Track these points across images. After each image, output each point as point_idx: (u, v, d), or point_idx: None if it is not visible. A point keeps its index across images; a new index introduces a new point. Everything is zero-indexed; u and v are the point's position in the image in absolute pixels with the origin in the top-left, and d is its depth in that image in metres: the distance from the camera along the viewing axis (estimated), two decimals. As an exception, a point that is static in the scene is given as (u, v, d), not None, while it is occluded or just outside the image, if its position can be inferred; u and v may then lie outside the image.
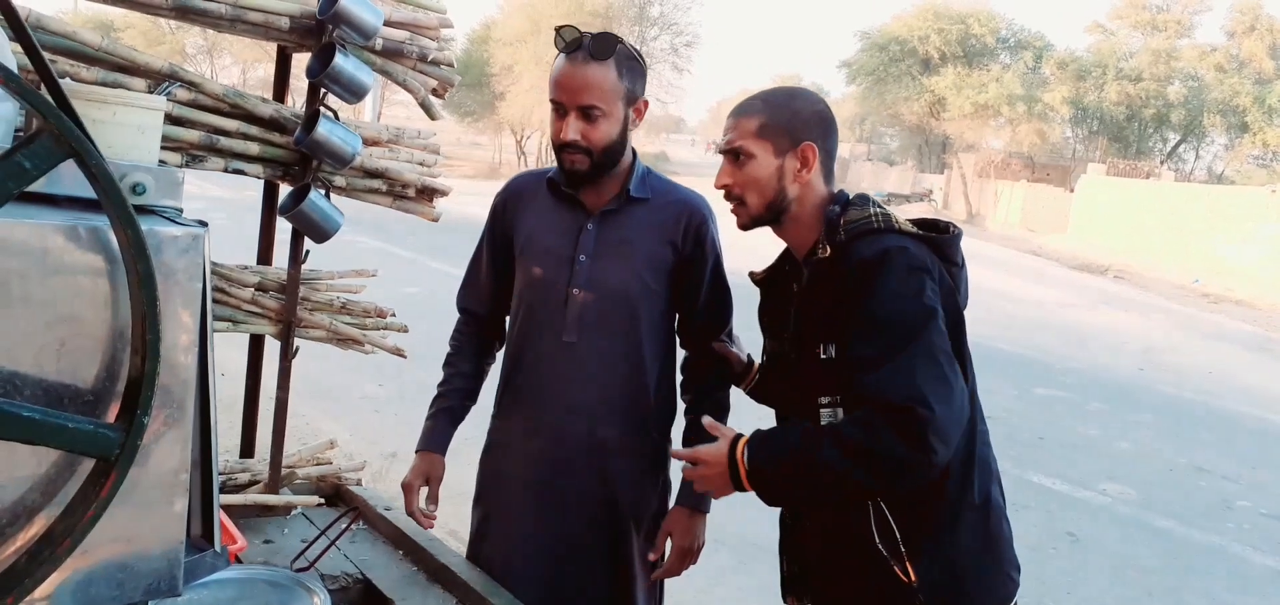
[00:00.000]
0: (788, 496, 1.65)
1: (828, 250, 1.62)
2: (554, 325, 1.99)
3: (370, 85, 2.41)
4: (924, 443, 1.43)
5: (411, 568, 2.26)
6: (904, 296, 1.52)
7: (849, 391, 1.55)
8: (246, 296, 2.53)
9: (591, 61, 1.87)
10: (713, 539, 4.59)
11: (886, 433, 1.44)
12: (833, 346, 1.59)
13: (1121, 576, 4.59)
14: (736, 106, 1.76)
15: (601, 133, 1.90)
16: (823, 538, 1.73)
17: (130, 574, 1.17)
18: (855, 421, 1.49)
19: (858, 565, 1.65)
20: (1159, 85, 33.69)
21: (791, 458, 1.54)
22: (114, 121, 1.24)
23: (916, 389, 1.44)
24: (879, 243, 1.57)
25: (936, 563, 1.60)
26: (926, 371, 1.46)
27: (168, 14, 2.27)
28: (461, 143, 38.17)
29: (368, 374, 6.31)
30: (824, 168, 1.71)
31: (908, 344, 1.48)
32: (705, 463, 1.63)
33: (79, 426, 1.05)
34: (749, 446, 1.59)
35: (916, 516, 1.60)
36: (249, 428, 2.81)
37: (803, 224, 1.72)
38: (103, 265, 1.11)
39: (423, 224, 2.97)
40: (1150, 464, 6.46)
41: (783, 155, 1.68)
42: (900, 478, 1.48)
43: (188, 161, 2.32)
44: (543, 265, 2.01)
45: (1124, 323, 12.90)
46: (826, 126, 1.72)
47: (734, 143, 1.70)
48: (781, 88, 1.84)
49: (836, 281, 1.58)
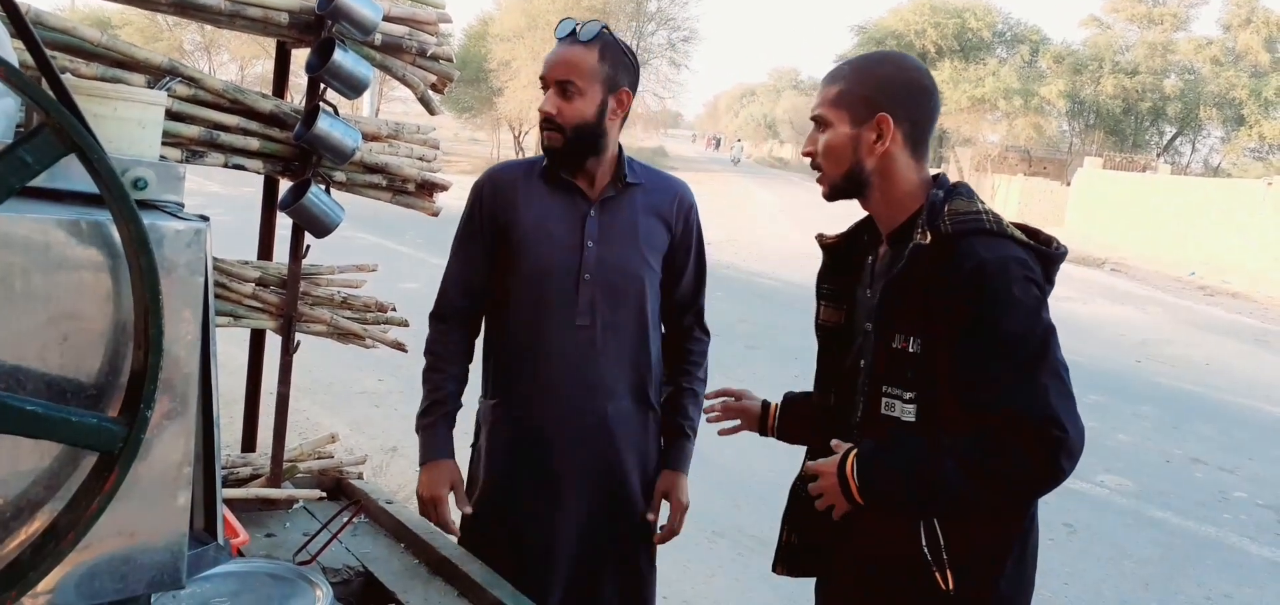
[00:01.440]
0: (900, 511, 1.58)
1: (928, 237, 1.52)
2: (567, 310, 2.06)
3: (369, 80, 2.41)
4: (1056, 463, 1.41)
5: (413, 560, 2.26)
6: (1029, 311, 1.46)
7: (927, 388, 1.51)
8: (247, 291, 2.53)
9: (576, 43, 1.99)
10: (712, 530, 4.60)
11: (1018, 453, 1.42)
12: (915, 340, 1.52)
13: (1119, 567, 4.61)
14: (828, 71, 1.69)
15: (574, 109, 1.98)
16: (855, 527, 1.67)
17: (134, 567, 1.17)
18: (982, 441, 1.45)
19: (892, 561, 1.60)
20: (1155, 78, 33.71)
21: (909, 479, 1.51)
22: (115, 116, 1.24)
23: (1051, 409, 1.42)
24: (999, 248, 1.49)
25: (978, 579, 1.57)
26: (1057, 390, 1.44)
27: (166, 9, 2.27)
28: (459, 137, 38.15)
29: (367, 368, 6.31)
30: (909, 141, 1.60)
31: (1037, 362, 1.44)
32: (823, 475, 1.60)
33: (82, 420, 1.05)
34: (858, 465, 1.54)
35: (971, 530, 1.56)
36: (250, 422, 2.82)
37: (890, 201, 1.62)
38: (105, 260, 1.11)
39: (421, 219, 2.97)
40: (1148, 456, 6.48)
41: (859, 125, 1.59)
42: (1026, 496, 1.47)
43: (188, 157, 2.32)
44: (551, 253, 2.07)
45: (1121, 315, 12.92)
46: (913, 97, 1.61)
47: (816, 109, 1.64)
48: (875, 53, 1.75)
49: (940, 275, 1.50)
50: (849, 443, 1.62)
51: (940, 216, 1.54)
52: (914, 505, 1.54)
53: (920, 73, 1.64)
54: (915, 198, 1.61)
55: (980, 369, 1.46)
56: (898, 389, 1.55)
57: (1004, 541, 1.59)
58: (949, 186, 1.61)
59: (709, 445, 2.35)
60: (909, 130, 1.60)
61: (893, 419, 1.56)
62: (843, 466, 1.56)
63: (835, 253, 1.81)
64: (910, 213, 1.61)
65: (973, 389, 1.47)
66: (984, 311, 1.46)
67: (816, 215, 18.97)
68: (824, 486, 1.60)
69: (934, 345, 1.51)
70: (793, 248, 16.12)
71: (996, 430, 1.44)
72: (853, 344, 1.73)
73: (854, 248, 1.78)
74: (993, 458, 1.44)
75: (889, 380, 1.56)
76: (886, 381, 1.57)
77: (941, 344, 1.50)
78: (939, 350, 1.51)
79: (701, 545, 4.26)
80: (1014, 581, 1.60)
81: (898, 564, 1.59)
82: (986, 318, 1.46)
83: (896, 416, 1.56)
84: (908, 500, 1.54)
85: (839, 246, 1.80)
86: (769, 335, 9.05)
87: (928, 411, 1.53)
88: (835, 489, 1.57)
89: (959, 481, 1.46)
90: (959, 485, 1.46)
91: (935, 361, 1.51)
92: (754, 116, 73.80)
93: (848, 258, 1.79)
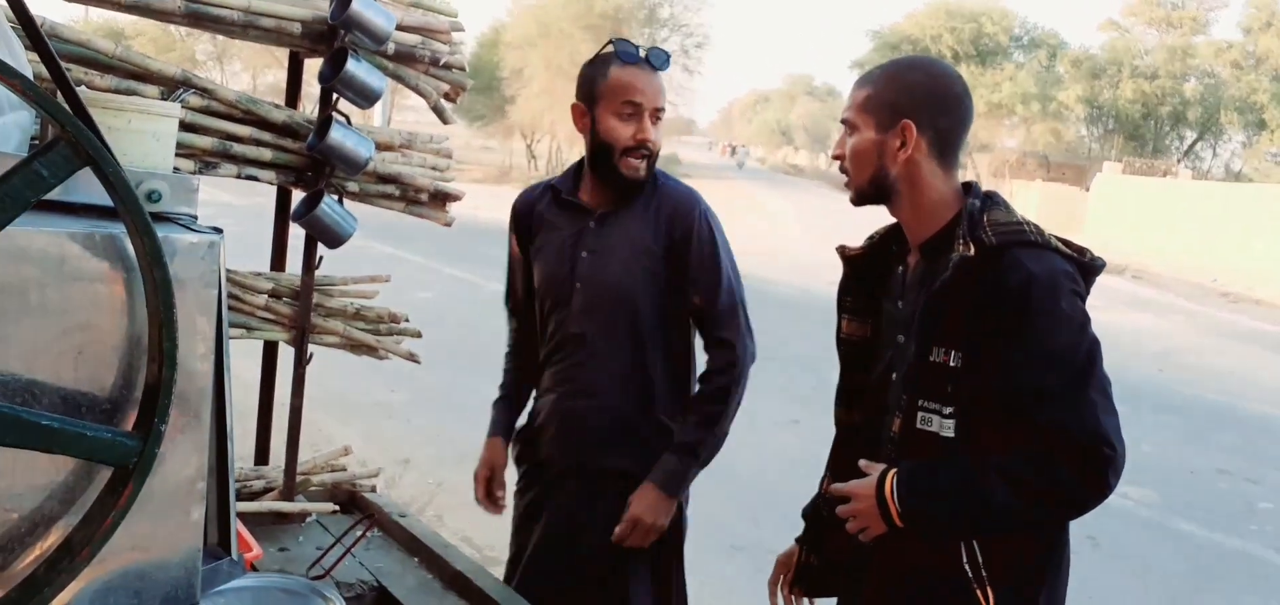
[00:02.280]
0: (943, 534, 1.55)
1: (971, 249, 1.49)
2: (563, 320, 2.17)
3: (382, 90, 2.41)
4: (1104, 482, 1.40)
5: (427, 575, 2.25)
6: (1077, 325, 1.45)
7: (967, 403, 1.48)
8: (260, 303, 2.53)
9: (660, 71, 2.12)
10: (730, 544, 4.57)
11: (1066, 472, 1.40)
12: (956, 353, 1.49)
13: (1144, 582, 4.55)
14: (861, 74, 1.67)
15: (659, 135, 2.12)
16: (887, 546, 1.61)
17: (148, 582, 1.17)
18: (1029, 460, 1.43)
19: (929, 580, 1.57)
20: (1175, 83, 33.47)
21: (955, 501, 1.48)
22: (129, 129, 1.24)
23: (1100, 426, 1.40)
24: (1046, 261, 1.46)
25: (1019, 595, 1.54)
26: (1104, 406, 1.42)
27: (180, 20, 2.28)
28: (471, 146, 38.29)
29: (380, 380, 6.31)
30: (935, 149, 1.56)
31: (1085, 377, 1.42)
32: (857, 498, 1.55)
33: (97, 435, 1.04)
34: (899, 485, 1.51)
35: (1012, 545, 1.54)
36: (263, 435, 2.82)
37: (919, 209, 1.59)
38: (119, 273, 1.10)
39: (433, 229, 2.97)
40: (1172, 467, 6.40)
41: (883, 131, 1.57)
42: (1073, 514, 1.45)
43: (201, 168, 2.33)
44: (552, 263, 2.19)
45: (1142, 323, 12.80)
46: (941, 104, 1.57)
47: (846, 113, 1.63)
48: (906, 58, 1.73)
49: (985, 288, 1.47)
50: (880, 462, 1.58)
51: (980, 227, 1.51)
52: (959, 527, 1.51)
53: (950, 80, 1.60)
54: (947, 207, 1.58)
55: (1027, 384, 1.44)
56: (936, 403, 1.52)
57: (1041, 556, 1.56)
58: (983, 196, 1.59)
59: (728, 458, 2.30)
60: (934, 138, 1.56)
61: (930, 435, 1.53)
62: (881, 489, 1.52)
63: (858, 264, 1.77)
64: (943, 222, 1.58)
65: (1019, 404, 1.45)
66: (1032, 326, 1.43)
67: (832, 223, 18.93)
68: (858, 509, 1.55)
69: (976, 359, 1.48)
70: (808, 256, 16.07)
71: (1044, 448, 1.42)
72: (880, 357, 1.70)
73: (879, 258, 1.75)
74: (1041, 477, 1.42)
75: (926, 394, 1.53)
76: (923, 395, 1.53)
77: (984, 358, 1.47)
78: (981, 364, 1.48)
79: (720, 560, 4.23)
80: (1051, 595, 1.58)
81: (936, 582, 1.56)
82: (1035, 332, 1.43)
83: (934, 431, 1.52)
84: (952, 523, 1.51)
85: (862, 258, 1.77)
86: (784, 346, 9.01)
87: (967, 427, 1.50)
88: (872, 512, 1.53)
89: (1006, 501, 1.43)
90: (1006, 505, 1.43)
91: (976, 375, 1.48)
92: (768, 123, 73.65)
93: (871, 269, 1.76)
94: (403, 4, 2.53)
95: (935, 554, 1.55)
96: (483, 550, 3.95)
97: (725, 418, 2.14)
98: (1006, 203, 1.58)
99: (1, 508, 1.07)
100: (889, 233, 1.74)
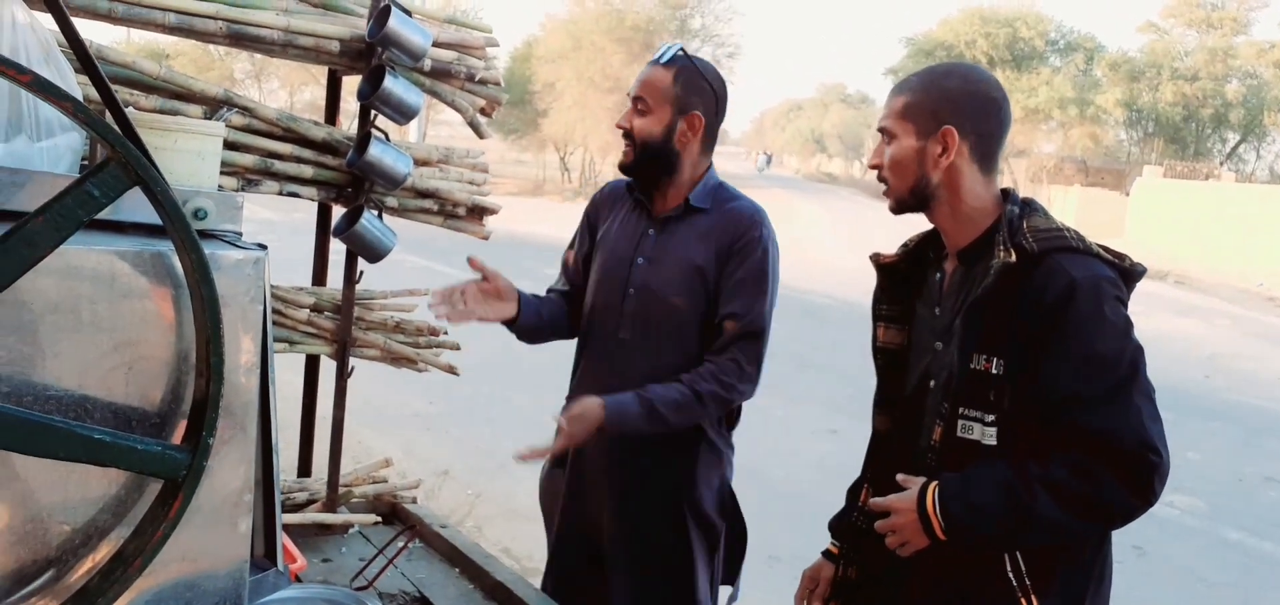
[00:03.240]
0: (987, 546, 1.52)
1: (1013, 256, 1.48)
2: (611, 322, 2.11)
3: (420, 106, 2.44)
4: (1150, 489, 1.39)
5: (468, 585, 2.27)
6: (1121, 331, 1.43)
7: (1009, 410, 1.47)
8: (302, 317, 2.56)
9: (657, 65, 2.05)
10: (768, 554, 4.53)
11: (1111, 479, 1.39)
12: (998, 361, 1.48)
13: (1190, 591, 4.46)
14: (897, 82, 1.66)
15: (643, 126, 2.04)
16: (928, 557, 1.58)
17: (197, 593, 1.19)
18: (1074, 469, 1.42)
19: (972, 590, 1.55)
20: (1216, 84, 32.85)
21: (996, 512, 1.46)
22: (175, 148, 1.27)
23: (1146, 433, 1.39)
24: (1089, 267, 1.45)
25: (1063, 599, 1.53)
26: (1149, 412, 1.41)
27: (222, 41, 2.32)
28: (505, 160, 38.53)
29: (417, 391, 6.37)
30: (976, 155, 1.56)
31: (1129, 383, 1.41)
32: (897, 512, 1.54)
33: (147, 448, 1.07)
34: (941, 499, 1.49)
35: (1054, 554, 1.52)
36: (306, 447, 2.85)
37: (959, 216, 1.58)
38: (167, 289, 1.13)
39: (467, 242, 2.99)
40: (1219, 474, 6.27)
41: (924, 138, 1.55)
42: (1118, 523, 1.44)
43: (244, 185, 2.37)
44: (608, 264, 2.15)
45: (1187, 329, 12.57)
46: (981, 110, 1.56)
47: (883, 121, 1.61)
48: (943, 64, 1.72)
49: (1027, 294, 1.46)
50: (918, 471, 1.57)
51: (1020, 233, 1.50)
52: (1002, 539, 1.50)
53: (989, 85, 1.60)
54: (986, 213, 1.57)
55: (1070, 391, 1.42)
56: (977, 411, 1.51)
57: (1084, 563, 1.54)
58: (1021, 202, 1.58)
59: (765, 465, 2.30)
60: (976, 144, 1.56)
61: (972, 442, 1.51)
62: (923, 503, 1.51)
63: (893, 272, 1.76)
64: (982, 229, 1.57)
65: (1062, 411, 1.43)
66: (1076, 332, 1.42)
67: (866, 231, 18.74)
68: (899, 523, 1.54)
69: (1018, 366, 1.47)
70: (843, 264, 15.97)
71: (1088, 456, 1.41)
72: (917, 365, 1.69)
73: (914, 266, 1.73)
74: (1086, 485, 1.41)
75: (967, 402, 1.51)
76: (965, 403, 1.52)
77: (1027, 364, 1.46)
78: (1023, 371, 1.46)
79: (759, 569, 4.19)
80: (1096, 601, 1.56)
81: (980, 592, 1.54)
82: (1078, 338, 1.42)
83: (975, 440, 1.51)
84: (996, 535, 1.49)
85: (897, 266, 1.75)
86: (820, 354, 8.96)
87: (1009, 434, 1.49)
88: (914, 526, 1.52)
89: (1050, 512, 1.42)
90: (1050, 516, 1.42)
91: (1018, 383, 1.47)
92: (801, 131, 73.40)
93: (907, 276, 1.74)
94: (438, 21, 2.56)
95: (978, 564, 1.54)
96: (521, 561, 3.96)
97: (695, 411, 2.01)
98: (1045, 209, 1.57)
99: (55, 520, 1.09)
100: (924, 239, 1.73)
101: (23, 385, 1.04)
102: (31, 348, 1.05)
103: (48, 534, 1.09)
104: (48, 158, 1.27)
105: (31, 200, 1.06)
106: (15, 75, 0.96)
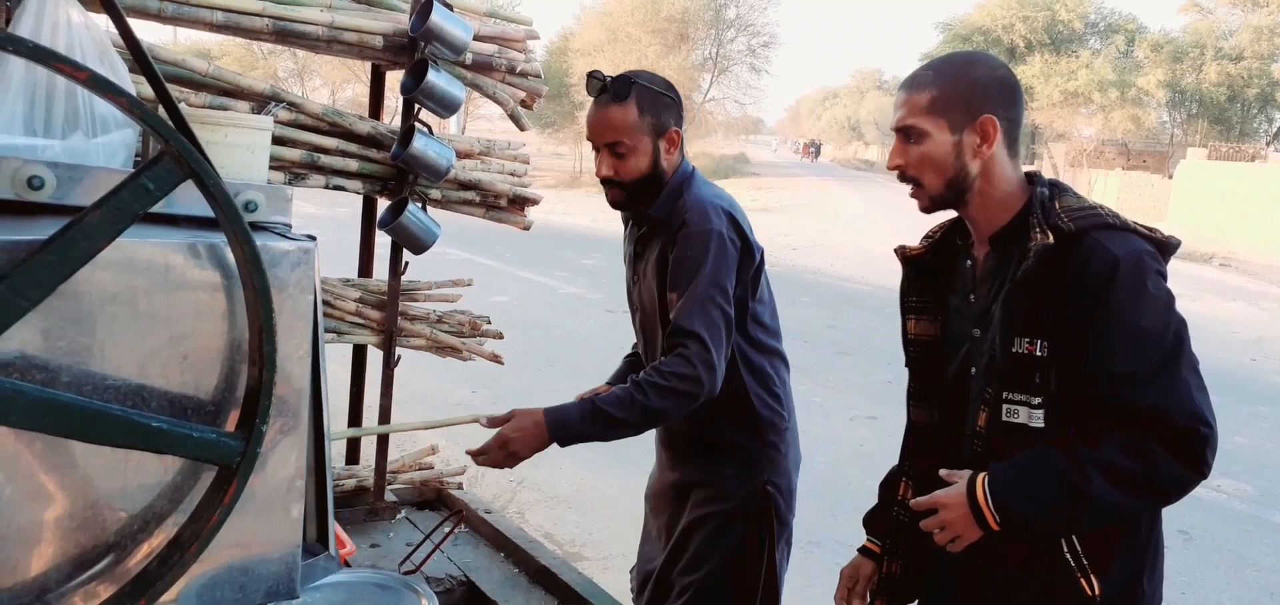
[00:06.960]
0: (1042, 533, 1.51)
1: (1051, 237, 1.46)
2: (642, 344, 2.21)
3: (462, 99, 2.46)
4: (1203, 462, 1.39)
5: (513, 569, 2.29)
6: (1165, 305, 1.43)
7: (1055, 392, 1.46)
8: (350, 308, 2.60)
9: (612, 104, 1.99)
10: (808, 540, 4.53)
11: (1164, 455, 1.39)
12: (1042, 343, 1.47)
13: (1239, 575, 4.38)
14: (906, 79, 1.60)
15: (630, 167, 2.02)
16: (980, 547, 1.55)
17: (251, 577, 1.21)
18: (1126, 447, 1.41)
19: (1029, 575, 1.54)
20: (1262, 63, 32.06)
21: (1049, 497, 1.45)
22: (226, 143, 1.30)
23: (1195, 405, 1.39)
24: (1129, 243, 1.44)
25: (1121, 576, 1.51)
26: (1197, 384, 1.40)
27: (267, 38, 2.36)
28: (542, 152, 38.66)
29: (460, 379, 6.42)
30: (1007, 139, 1.54)
31: (1176, 356, 1.41)
32: (945, 507, 1.52)
33: (203, 436, 1.09)
34: (992, 488, 1.48)
35: (1108, 533, 1.50)
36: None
37: (990, 203, 1.56)
38: (220, 281, 1.15)
39: (508, 233, 3.01)
40: (1267, 458, 6.15)
41: (960, 130, 1.53)
42: (1172, 498, 1.43)
43: (291, 179, 2.40)
44: (626, 289, 2.24)
45: (1232, 312, 12.31)
46: (1009, 94, 1.55)
47: (905, 120, 1.55)
48: (958, 54, 1.68)
49: (1068, 274, 1.44)
50: (964, 458, 1.56)
51: (1054, 214, 1.48)
52: (1057, 524, 1.48)
53: (1007, 69, 1.59)
54: (1016, 198, 1.56)
55: (1119, 367, 1.41)
56: (1023, 395, 1.50)
57: (1141, 540, 1.53)
58: (1048, 183, 1.57)
59: (805, 452, 2.29)
60: (1008, 129, 1.54)
61: (1019, 426, 1.50)
62: (972, 494, 1.49)
63: (919, 263, 1.74)
64: (1013, 213, 1.55)
65: (1111, 388, 1.42)
66: (1120, 308, 1.41)
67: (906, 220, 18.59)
68: (948, 518, 1.52)
69: (1063, 346, 1.45)
70: (882, 251, 15.85)
71: (1139, 432, 1.40)
72: (954, 354, 1.67)
73: (941, 255, 1.71)
74: (1138, 462, 1.40)
75: (1012, 386, 1.50)
76: (1009, 388, 1.50)
77: (1072, 344, 1.45)
78: (1069, 351, 1.45)
79: (797, 555, 4.18)
80: (1153, 578, 1.56)
81: (1038, 576, 1.53)
82: (1123, 315, 1.41)
83: (1022, 423, 1.50)
84: (1051, 520, 1.47)
85: (925, 256, 1.73)
86: (858, 340, 8.89)
87: (1056, 416, 1.47)
88: (966, 519, 1.50)
89: (1104, 492, 1.41)
90: (1105, 496, 1.41)
91: (1064, 363, 1.46)
92: (837, 119, 72.90)
93: (933, 266, 1.72)
94: (479, 14, 2.57)
95: (1032, 550, 1.52)
96: (564, 546, 3.99)
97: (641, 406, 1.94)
98: (1073, 189, 1.56)
99: (114, 507, 1.12)
100: (950, 228, 1.71)
101: (82, 375, 1.07)
102: (90, 338, 1.08)
103: (106, 520, 1.12)
104: (103, 153, 1.31)
105: (88, 195, 1.09)
106: (73, 72, 0.98)
